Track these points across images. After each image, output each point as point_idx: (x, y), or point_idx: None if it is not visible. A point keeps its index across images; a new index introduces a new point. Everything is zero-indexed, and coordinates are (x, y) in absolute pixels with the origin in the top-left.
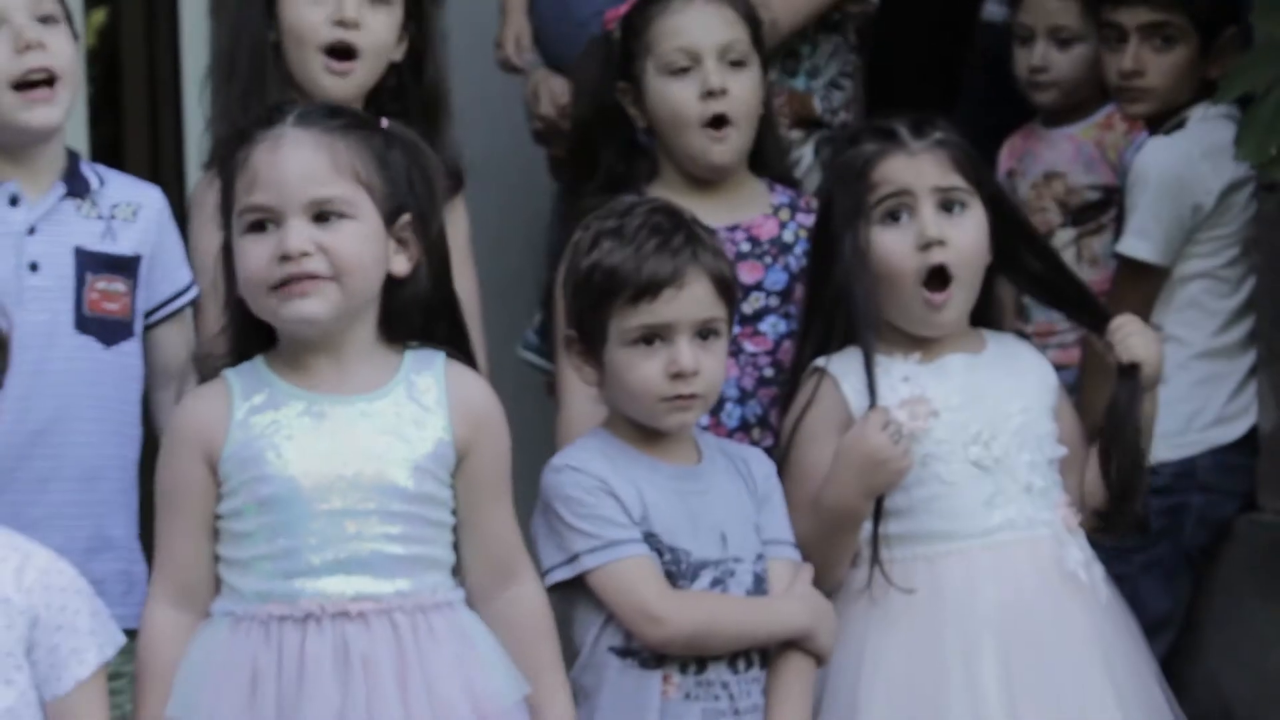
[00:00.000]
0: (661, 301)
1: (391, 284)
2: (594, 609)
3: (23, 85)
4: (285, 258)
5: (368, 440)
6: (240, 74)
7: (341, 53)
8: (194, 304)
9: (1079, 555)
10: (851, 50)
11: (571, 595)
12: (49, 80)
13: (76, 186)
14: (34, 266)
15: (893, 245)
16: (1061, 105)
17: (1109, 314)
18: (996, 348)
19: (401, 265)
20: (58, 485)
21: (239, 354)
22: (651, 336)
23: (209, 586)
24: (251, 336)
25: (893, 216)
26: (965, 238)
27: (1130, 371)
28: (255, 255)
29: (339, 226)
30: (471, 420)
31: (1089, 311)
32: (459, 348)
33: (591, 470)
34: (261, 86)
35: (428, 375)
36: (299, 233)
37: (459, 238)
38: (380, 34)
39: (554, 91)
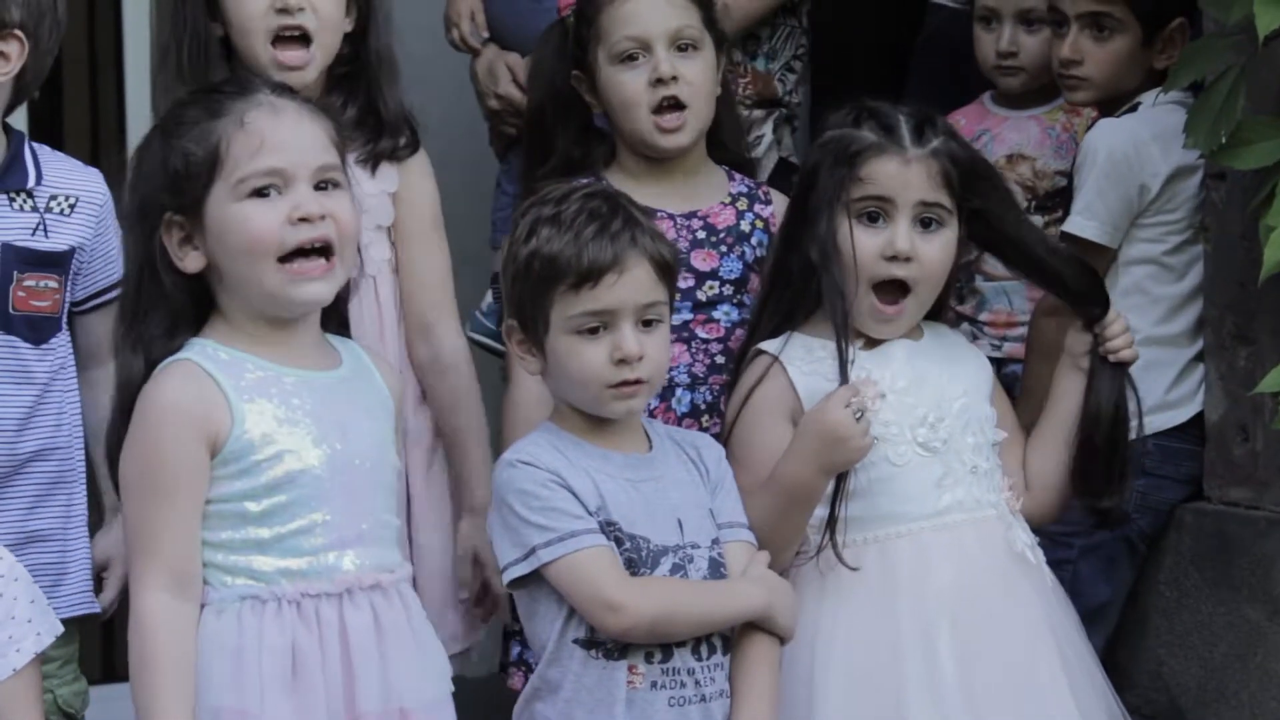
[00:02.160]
0: (603, 287)
1: None
2: (555, 603)
3: None
4: (304, 220)
5: (364, 419)
6: (185, 71)
7: (292, 40)
8: None
9: (1025, 537)
10: (804, 33)
11: (533, 590)
12: None
13: (13, 180)
14: None
15: (863, 246)
16: (1028, 89)
17: (1107, 304)
18: (933, 335)
19: None
20: None
21: (174, 334)
22: (595, 324)
23: (199, 572)
24: (187, 315)
25: (870, 217)
26: (934, 256)
27: (1117, 368)
28: (265, 217)
29: (336, 196)
30: (399, 399)
31: (1090, 300)
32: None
33: (544, 463)
34: (206, 79)
35: (358, 355)
36: (314, 198)
37: (425, 202)
38: (327, 12)
39: (514, 70)
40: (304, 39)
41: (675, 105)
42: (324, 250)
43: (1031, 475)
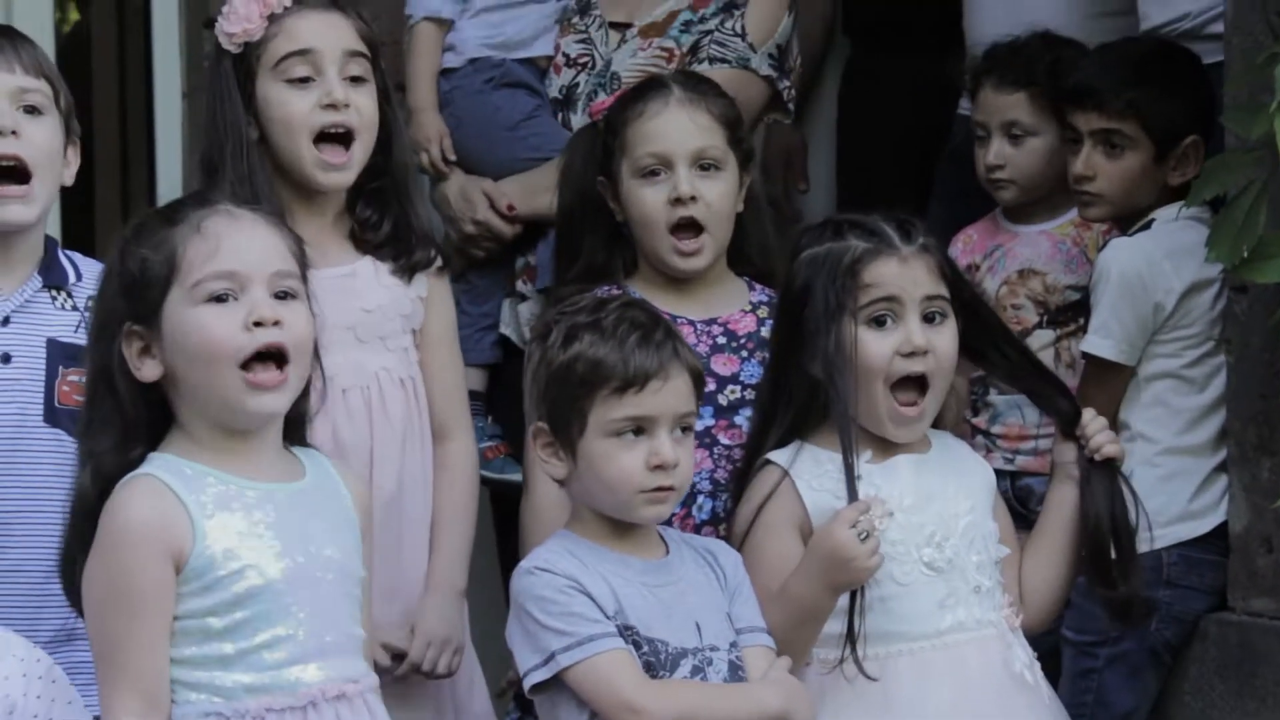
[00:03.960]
0: (647, 394)
1: None
2: (576, 707)
3: None
4: (258, 325)
5: (326, 529)
6: (227, 172)
7: (335, 138)
8: None
9: (1024, 656)
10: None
11: (554, 695)
12: (21, 173)
13: (54, 278)
14: (6, 358)
15: (877, 349)
16: (1022, 201)
17: (1079, 409)
18: (940, 446)
19: None
20: (24, 576)
21: (126, 451)
22: (633, 429)
23: (169, 692)
24: (141, 433)
25: (878, 321)
26: (946, 348)
27: (1105, 466)
28: (220, 324)
29: (293, 306)
30: (365, 509)
31: (1061, 406)
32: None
33: (561, 569)
34: (250, 183)
35: (323, 466)
36: (270, 303)
37: (448, 311)
38: (368, 113)
39: (491, 195)
40: (346, 138)
41: (693, 225)
42: (279, 357)
43: (1026, 586)
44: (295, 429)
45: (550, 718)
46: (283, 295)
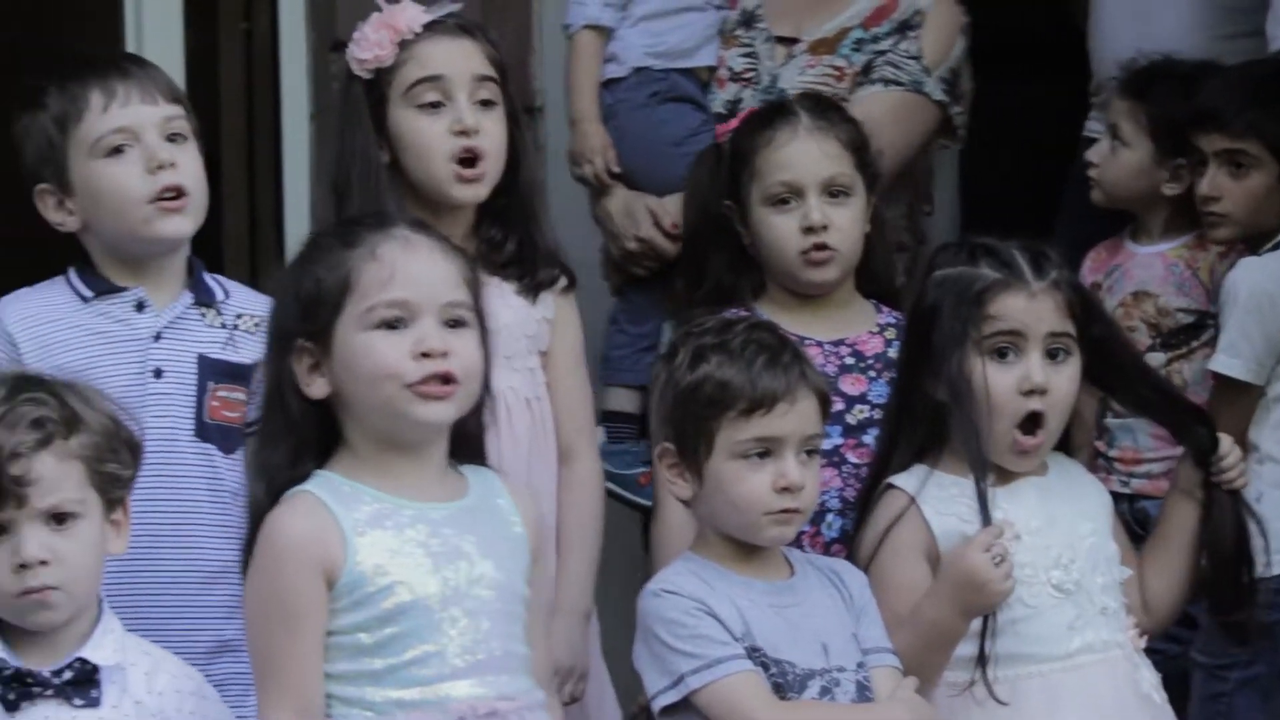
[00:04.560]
0: (774, 415)
1: None
2: None
3: (155, 199)
4: (426, 355)
5: (485, 547)
6: (355, 196)
7: (468, 161)
8: None
9: (1151, 677)
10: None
11: (683, 718)
12: (178, 196)
13: (203, 295)
14: (158, 373)
15: (997, 383)
16: (1107, 207)
17: (1215, 438)
18: (1057, 469)
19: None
20: (178, 589)
21: (297, 467)
22: (760, 451)
23: (323, 703)
24: (310, 449)
25: (1000, 353)
26: (1064, 387)
27: (1232, 494)
28: (390, 348)
29: (464, 335)
30: (535, 527)
31: (1198, 435)
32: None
33: (688, 591)
34: (380, 206)
35: (492, 485)
36: (439, 333)
37: (575, 331)
38: (496, 137)
39: (656, 213)
40: (475, 161)
41: (823, 249)
42: (447, 380)
43: (1148, 597)
44: (467, 446)
45: None
46: (454, 323)
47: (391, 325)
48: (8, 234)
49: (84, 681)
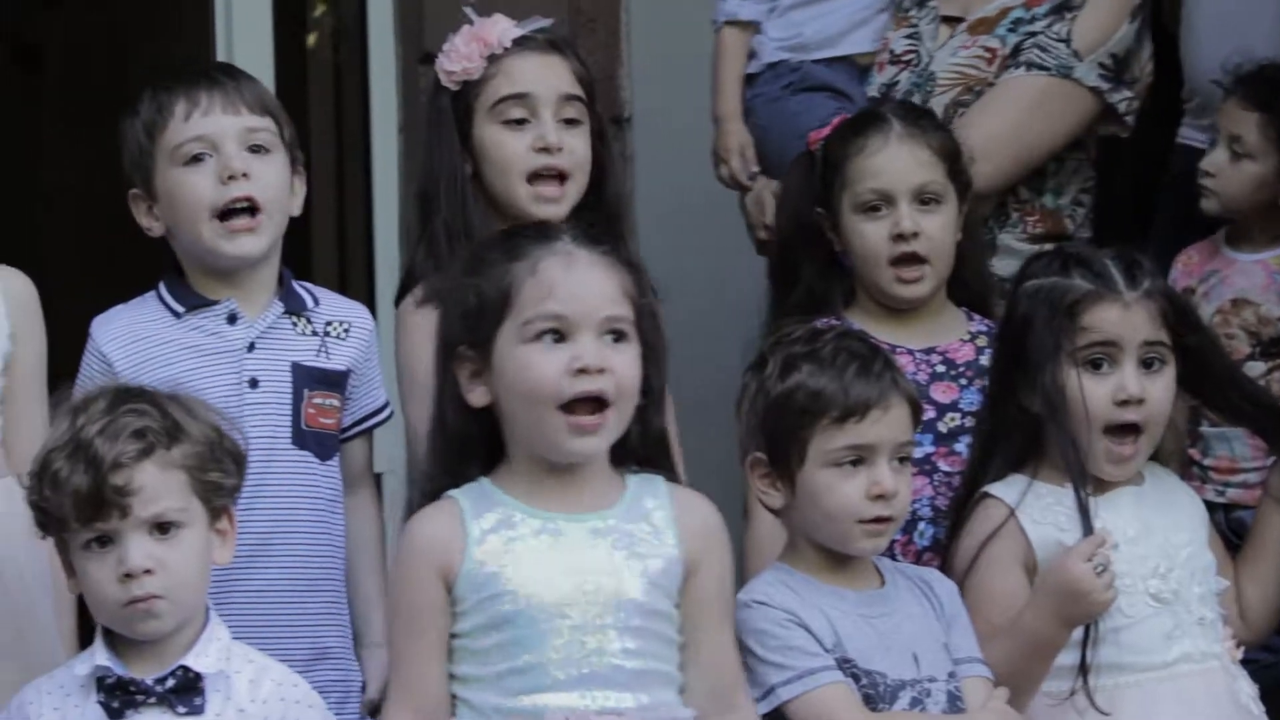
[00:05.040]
0: (867, 423)
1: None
2: None
3: (226, 214)
4: (582, 371)
5: (603, 556)
6: (441, 208)
7: (550, 177)
8: None
9: (1249, 688)
10: (1091, 165)
11: None
12: (252, 209)
13: (293, 304)
14: (254, 383)
15: (1092, 394)
16: (1219, 216)
17: None
18: (1153, 479)
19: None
20: (276, 597)
21: (455, 473)
22: (853, 459)
23: (445, 705)
24: (470, 455)
25: (1094, 364)
26: (1160, 396)
27: None
28: (547, 364)
29: (622, 349)
30: (699, 538)
31: None
32: (670, 476)
33: (778, 603)
34: (464, 219)
35: (653, 496)
36: (596, 350)
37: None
38: (580, 154)
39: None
40: (559, 177)
41: (915, 259)
42: (600, 402)
43: (1243, 607)
44: (650, 451)
45: None
46: (615, 336)
47: (552, 338)
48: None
49: (187, 689)
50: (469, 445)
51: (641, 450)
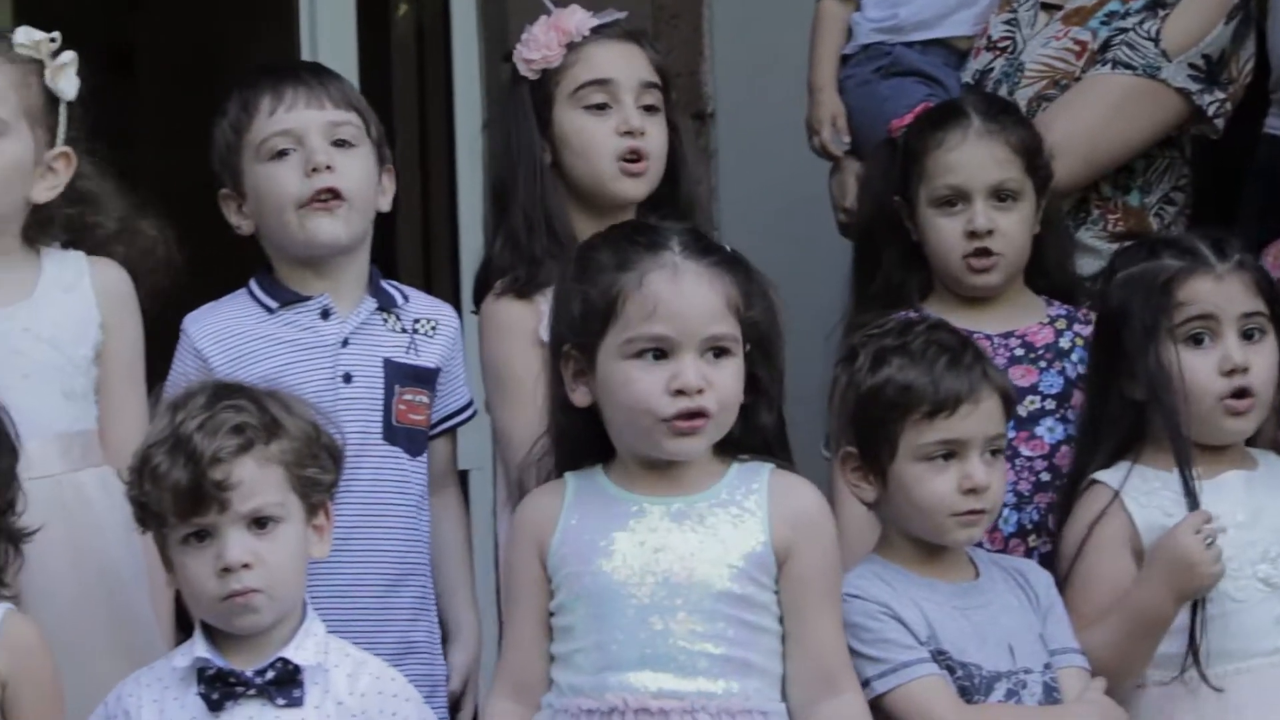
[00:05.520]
0: (958, 417)
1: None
2: None
3: (308, 202)
4: (681, 392)
5: (679, 538)
6: (520, 196)
7: (632, 161)
8: None
9: None
10: (1185, 163)
11: None
12: (334, 199)
13: (384, 300)
14: (347, 378)
15: (1197, 368)
16: None
17: None
18: (1265, 463)
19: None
20: (364, 591)
21: (569, 461)
22: (944, 453)
23: (543, 681)
24: (581, 446)
25: (1195, 340)
26: (1264, 363)
27: None
28: (648, 382)
29: (724, 365)
30: (793, 523)
31: None
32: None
33: (872, 595)
34: (543, 205)
35: (752, 483)
36: (696, 370)
37: None
38: (659, 142)
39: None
40: (640, 162)
41: (987, 254)
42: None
43: None
44: (758, 438)
45: None
46: (718, 352)
47: (650, 356)
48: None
49: (286, 681)
50: (578, 438)
51: (747, 444)
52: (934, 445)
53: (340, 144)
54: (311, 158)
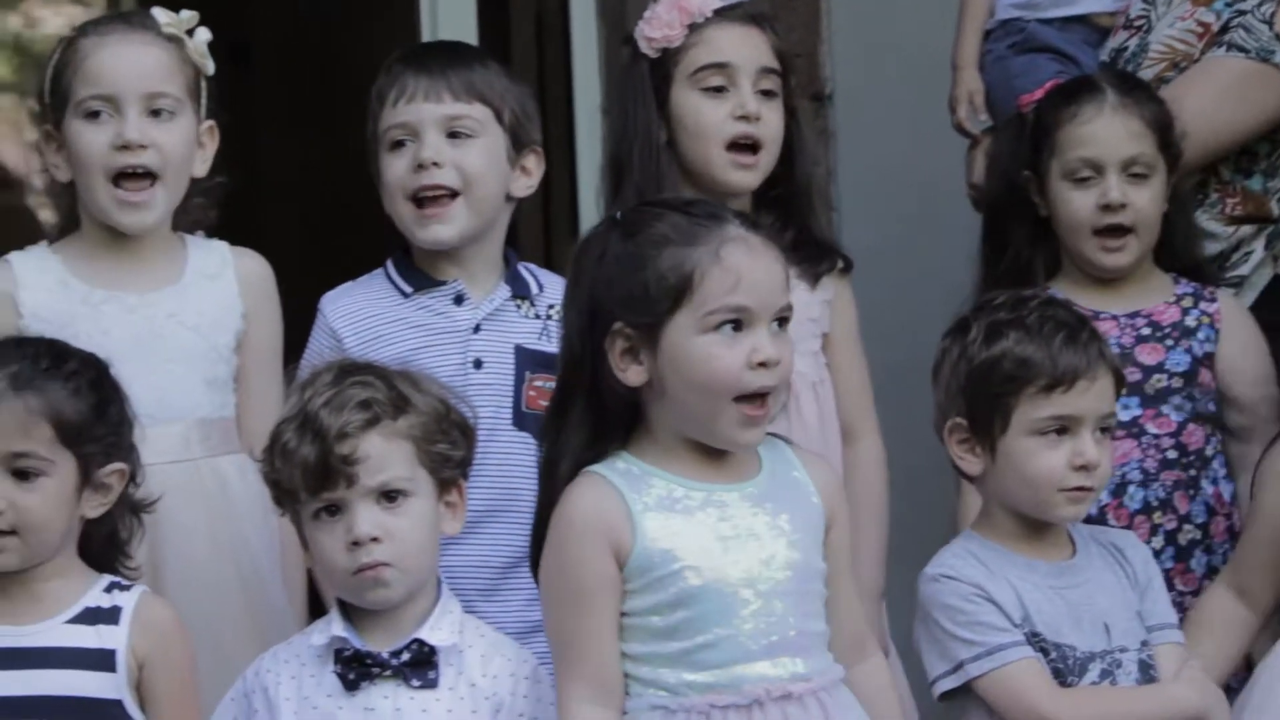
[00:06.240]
0: (1074, 393)
1: None
2: (985, 715)
3: (421, 200)
4: (764, 364)
5: (766, 522)
6: (634, 174)
7: (745, 147)
8: None
9: None
10: None
11: (962, 702)
12: (448, 194)
13: (519, 288)
14: (478, 363)
15: None
16: None
17: None
18: None
19: None
20: (490, 572)
21: (597, 448)
22: (1058, 428)
23: (622, 682)
24: (616, 430)
25: None
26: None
27: None
28: (729, 356)
29: (786, 337)
30: (831, 492)
31: None
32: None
33: (966, 577)
34: (657, 184)
35: (785, 458)
36: (773, 343)
37: (851, 311)
38: (775, 126)
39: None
40: (754, 148)
41: (1121, 230)
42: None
43: None
44: None
45: None
46: (781, 323)
47: (729, 329)
48: None
49: (422, 663)
50: (614, 422)
51: None
52: (1048, 420)
53: (456, 136)
54: (418, 153)
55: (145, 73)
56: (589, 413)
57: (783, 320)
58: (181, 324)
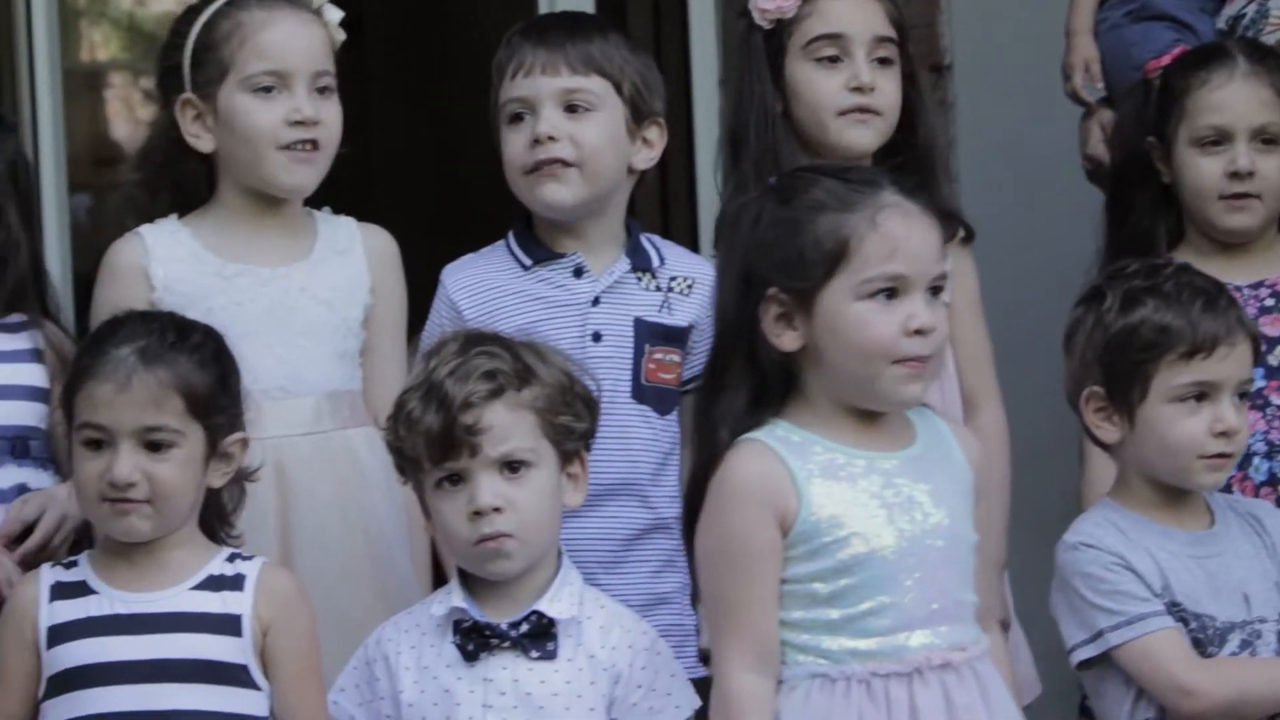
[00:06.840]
0: (1214, 359)
1: None
2: (1123, 684)
3: (534, 170)
4: (920, 332)
5: (928, 490)
6: (751, 145)
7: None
8: None
9: None
10: None
11: (1100, 670)
12: (561, 166)
13: (640, 260)
14: (597, 336)
15: None
16: None
17: None
18: None
19: None
20: (612, 545)
21: (753, 411)
22: (1198, 394)
23: (779, 651)
24: (773, 396)
25: None
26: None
27: None
28: (885, 323)
29: (940, 306)
30: (977, 467)
31: None
32: None
33: (1106, 545)
34: (774, 155)
35: (934, 424)
36: (928, 311)
37: (972, 281)
38: (891, 95)
39: (1107, 130)
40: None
41: (1245, 196)
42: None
43: None
44: None
45: (1096, 691)
46: (935, 291)
47: (886, 296)
48: None
49: (541, 635)
50: (771, 387)
51: None
52: (1188, 387)
53: (573, 109)
54: (535, 128)
55: (314, 51)
56: (746, 380)
57: (936, 289)
58: (313, 298)
